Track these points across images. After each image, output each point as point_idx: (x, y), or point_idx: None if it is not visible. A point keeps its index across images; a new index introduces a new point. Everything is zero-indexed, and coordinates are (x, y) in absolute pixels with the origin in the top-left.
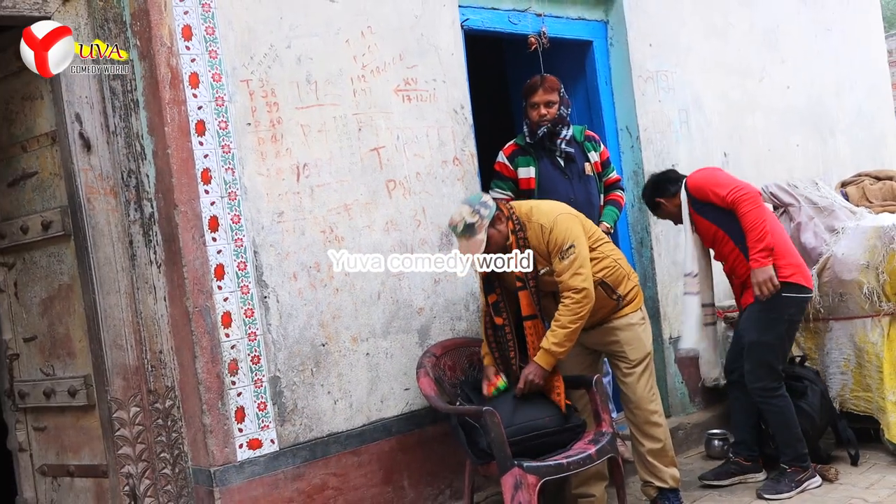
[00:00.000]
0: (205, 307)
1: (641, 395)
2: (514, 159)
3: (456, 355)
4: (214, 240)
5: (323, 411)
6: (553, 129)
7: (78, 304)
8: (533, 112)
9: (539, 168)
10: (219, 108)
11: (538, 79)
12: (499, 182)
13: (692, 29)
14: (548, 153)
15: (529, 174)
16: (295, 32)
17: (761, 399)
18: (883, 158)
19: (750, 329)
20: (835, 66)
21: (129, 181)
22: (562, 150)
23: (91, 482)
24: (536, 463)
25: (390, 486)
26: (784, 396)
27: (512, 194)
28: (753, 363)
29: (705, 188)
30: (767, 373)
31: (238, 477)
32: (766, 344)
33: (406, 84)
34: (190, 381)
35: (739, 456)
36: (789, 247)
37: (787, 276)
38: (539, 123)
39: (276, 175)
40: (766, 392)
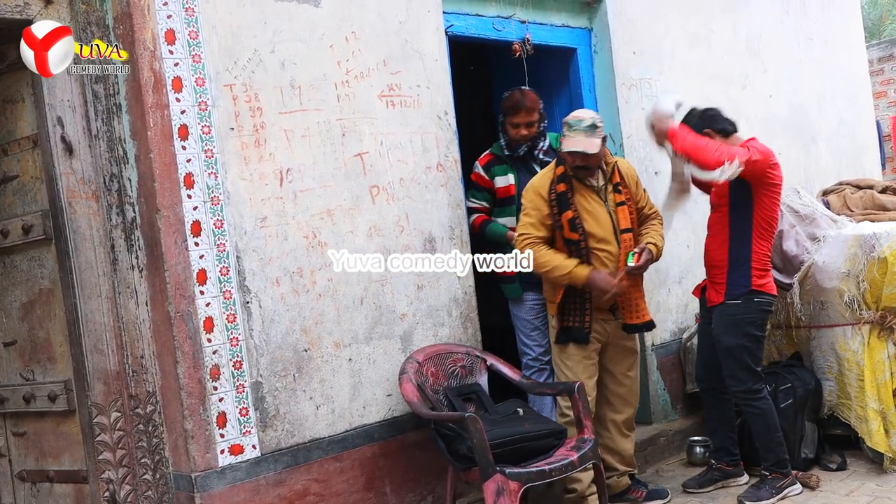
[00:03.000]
0: (187, 312)
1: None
2: (491, 169)
3: (439, 361)
4: (197, 244)
5: (305, 417)
6: (533, 144)
7: (59, 309)
8: (513, 131)
9: (518, 176)
10: (202, 112)
11: (519, 96)
12: (475, 192)
13: (676, 37)
14: (525, 162)
15: (508, 181)
16: (279, 37)
17: (744, 402)
18: (864, 167)
19: (724, 334)
20: (817, 75)
21: (112, 185)
22: (539, 158)
23: (71, 488)
24: (518, 469)
25: (372, 492)
26: (767, 399)
27: (488, 205)
28: (733, 367)
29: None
30: (749, 375)
31: (219, 483)
32: (743, 347)
33: (390, 90)
34: (171, 387)
35: (721, 462)
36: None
37: (761, 286)
38: (520, 142)
39: (260, 180)
40: (749, 395)
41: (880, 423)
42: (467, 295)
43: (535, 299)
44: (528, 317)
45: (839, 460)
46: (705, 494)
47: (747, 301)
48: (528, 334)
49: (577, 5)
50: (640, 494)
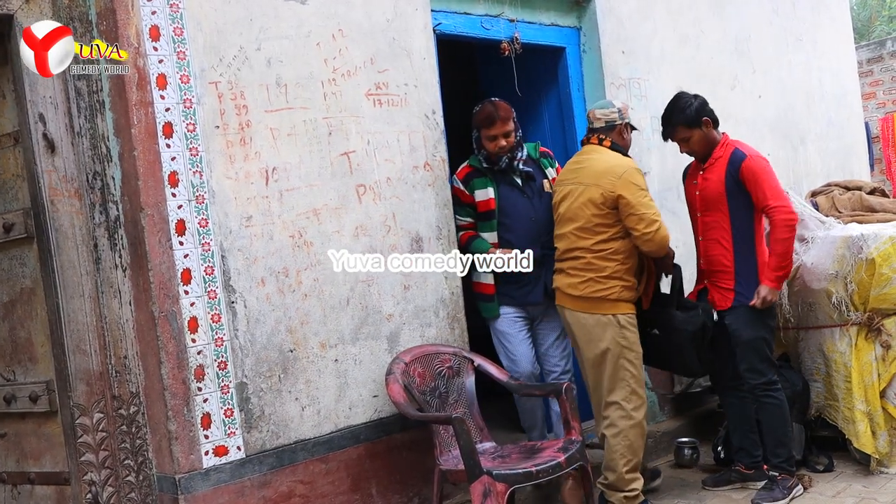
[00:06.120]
0: (171, 312)
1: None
2: (470, 182)
3: (426, 362)
4: (181, 244)
5: (290, 418)
6: (512, 155)
7: (40, 308)
8: (491, 144)
9: (498, 189)
10: (187, 110)
11: (491, 108)
12: (458, 209)
13: (665, 37)
14: (505, 174)
15: (488, 195)
16: (265, 34)
17: (764, 394)
18: (852, 168)
19: (744, 328)
20: (805, 76)
21: (95, 183)
22: (519, 170)
23: (52, 490)
24: (505, 471)
25: (358, 493)
26: (782, 390)
27: (472, 220)
28: (753, 360)
29: (759, 178)
30: (768, 366)
31: (203, 484)
32: (762, 339)
33: (377, 88)
34: (155, 387)
35: (740, 463)
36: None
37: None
38: (499, 154)
39: (245, 179)
40: (769, 386)
41: (867, 425)
42: (454, 295)
43: (514, 314)
44: (511, 330)
45: (826, 462)
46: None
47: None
48: (517, 347)
49: (566, 4)
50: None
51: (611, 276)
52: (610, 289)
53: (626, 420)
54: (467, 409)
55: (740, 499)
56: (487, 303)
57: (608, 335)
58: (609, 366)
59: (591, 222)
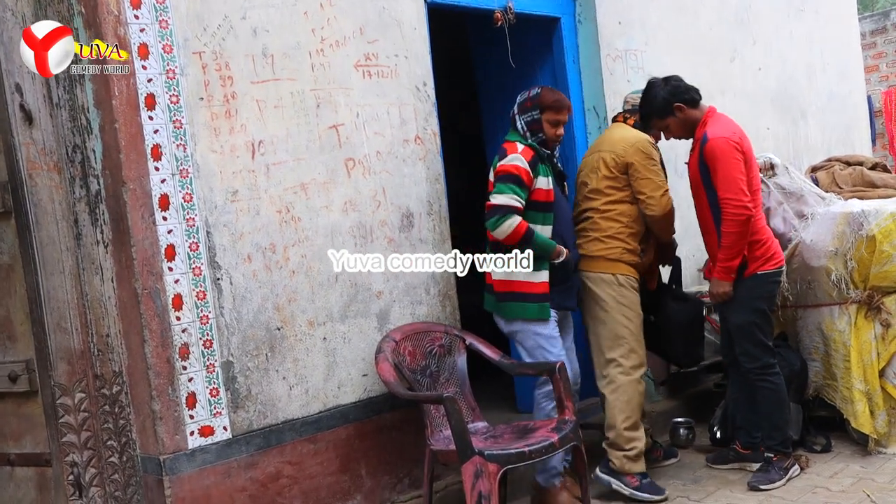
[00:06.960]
0: (154, 289)
1: None
2: (536, 167)
3: (416, 340)
4: (165, 219)
5: (278, 397)
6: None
7: (19, 286)
8: (553, 130)
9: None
10: (170, 81)
11: (558, 94)
12: (517, 188)
13: (662, 6)
14: (553, 165)
15: (549, 185)
16: (251, 3)
17: (759, 378)
18: (853, 143)
19: (731, 313)
20: (807, 48)
21: (74, 156)
22: (555, 163)
23: (33, 471)
24: (497, 451)
25: (347, 474)
26: (780, 374)
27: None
28: (745, 345)
29: (716, 164)
30: (762, 350)
31: (189, 465)
32: (752, 323)
33: (367, 59)
34: (139, 366)
35: (738, 442)
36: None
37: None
38: (555, 143)
39: (231, 152)
40: (764, 370)
41: (865, 405)
42: (445, 272)
43: (555, 317)
44: (556, 333)
45: (824, 442)
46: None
47: (752, 279)
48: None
49: None
50: (658, 454)
51: (614, 237)
52: (611, 249)
53: (625, 376)
54: (459, 388)
55: (737, 480)
56: (539, 303)
57: (607, 292)
58: (609, 323)
59: (601, 184)
